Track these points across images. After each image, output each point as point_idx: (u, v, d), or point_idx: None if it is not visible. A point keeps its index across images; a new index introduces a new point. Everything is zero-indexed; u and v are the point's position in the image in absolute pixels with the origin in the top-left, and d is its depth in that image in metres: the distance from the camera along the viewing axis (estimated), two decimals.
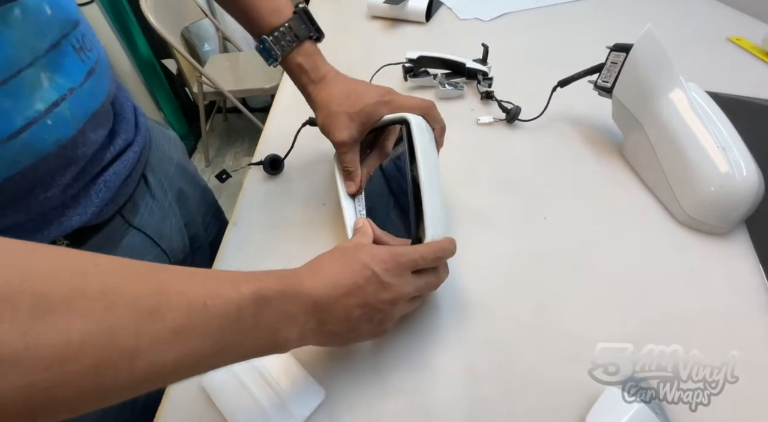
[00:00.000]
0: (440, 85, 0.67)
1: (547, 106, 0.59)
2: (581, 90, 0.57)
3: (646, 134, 0.48)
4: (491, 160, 0.56)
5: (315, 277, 0.28)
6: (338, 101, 0.41)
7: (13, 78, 0.28)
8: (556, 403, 0.33)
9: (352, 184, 0.41)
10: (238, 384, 0.35)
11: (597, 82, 0.54)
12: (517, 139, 0.59)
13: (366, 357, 0.37)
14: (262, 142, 0.62)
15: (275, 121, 0.67)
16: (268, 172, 0.55)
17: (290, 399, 0.34)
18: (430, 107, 0.41)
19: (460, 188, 0.52)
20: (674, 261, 0.43)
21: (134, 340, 0.18)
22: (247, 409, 0.33)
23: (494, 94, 0.65)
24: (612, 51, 0.51)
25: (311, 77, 0.43)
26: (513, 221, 0.48)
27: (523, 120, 0.61)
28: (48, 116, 0.30)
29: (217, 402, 0.34)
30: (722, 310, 0.38)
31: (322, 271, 0.29)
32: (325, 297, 0.28)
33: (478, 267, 0.44)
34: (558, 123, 0.61)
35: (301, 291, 0.27)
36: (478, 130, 0.61)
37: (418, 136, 0.37)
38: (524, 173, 0.54)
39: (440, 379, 0.36)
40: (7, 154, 0.28)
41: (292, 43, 0.42)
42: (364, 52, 0.80)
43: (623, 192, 0.50)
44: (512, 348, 0.37)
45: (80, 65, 0.33)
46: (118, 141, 0.38)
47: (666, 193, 0.47)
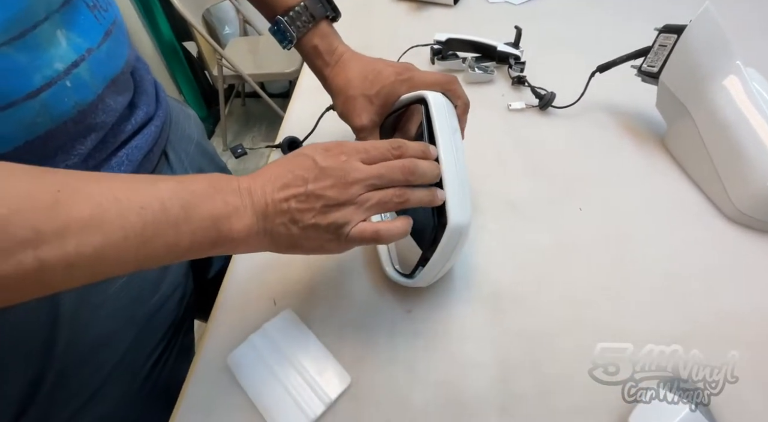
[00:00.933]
0: (469, 69, 0.65)
1: (584, 93, 0.56)
2: (622, 76, 0.54)
3: (694, 123, 0.45)
4: (523, 147, 0.54)
5: (251, 176, 0.28)
6: (355, 84, 0.39)
7: (29, 31, 0.27)
8: (594, 402, 0.32)
9: None
10: (263, 365, 0.34)
11: (642, 66, 0.50)
12: (551, 126, 0.57)
13: (393, 346, 0.36)
14: (284, 125, 0.61)
15: (298, 103, 0.65)
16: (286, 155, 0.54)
17: (315, 382, 0.33)
18: (451, 82, 0.38)
19: (489, 176, 0.50)
20: (719, 259, 0.40)
21: (32, 232, 0.19)
22: (271, 390, 0.33)
23: (526, 79, 0.62)
24: (661, 33, 0.48)
25: (326, 60, 0.41)
26: (546, 211, 0.46)
27: (557, 107, 0.58)
28: (67, 77, 0.29)
29: (242, 382, 0.33)
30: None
31: (261, 171, 0.28)
32: (259, 189, 0.27)
33: (510, 258, 0.42)
34: (595, 111, 0.58)
35: (230, 183, 0.27)
36: (509, 116, 0.59)
37: (436, 113, 0.35)
38: (558, 162, 0.51)
39: (470, 372, 0.34)
40: (26, 114, 0.27)
41: (308, 24, 0.40)
42: (388, 36, 0.78)
43: (665, 184, 0.48)
44: (547, 342, 0.36)
45: (96, 25, 0.33)
46: (138, 113, 0.38)
47: (714, 186, 0.44)
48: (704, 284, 0.39)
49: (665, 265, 0.40)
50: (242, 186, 0.27)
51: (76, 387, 0.35)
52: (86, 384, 0.36)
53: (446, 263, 0.34)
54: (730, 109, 0.42)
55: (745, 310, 0.36)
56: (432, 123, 0.34)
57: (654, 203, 0.46)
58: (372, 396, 0.33)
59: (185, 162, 0.48)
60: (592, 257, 0.41)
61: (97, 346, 0.36)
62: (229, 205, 0.26)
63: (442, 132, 0.34)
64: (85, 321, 0.35)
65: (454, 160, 0.33)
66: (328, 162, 0.27)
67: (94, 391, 0.36)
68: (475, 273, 0.41)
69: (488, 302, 0.38)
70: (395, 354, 0.35)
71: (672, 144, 0.50)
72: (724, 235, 0.42)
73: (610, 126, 0.56)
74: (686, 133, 0.47)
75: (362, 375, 0.34)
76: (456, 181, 0.33)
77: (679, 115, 0.47)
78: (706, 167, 0.45)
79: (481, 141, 0.40)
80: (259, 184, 0.27)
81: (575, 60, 0.60)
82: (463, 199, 0.33)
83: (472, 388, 0.33)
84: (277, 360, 0.34)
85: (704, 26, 0.43)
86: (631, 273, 0.40)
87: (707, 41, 0.43)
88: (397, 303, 0.39)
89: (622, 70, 0.53)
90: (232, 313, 0.39)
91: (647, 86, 0.51)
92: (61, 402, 0.35)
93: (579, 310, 0.38)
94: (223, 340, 0.36)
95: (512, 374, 0.34)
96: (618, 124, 0.56)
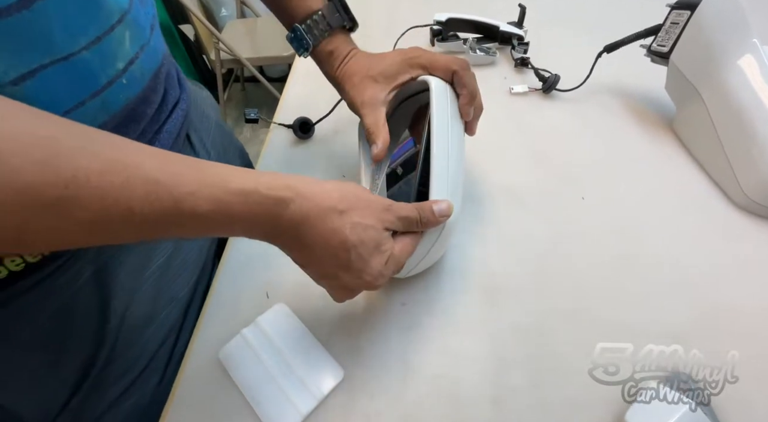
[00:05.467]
0: (470, 51, 0.62)
1: (590, 74, 0.53)
2: (630, 56, 0.51)
3: (705, 105, 0.43)
4: (524, 133, 0.52)
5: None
6: (361, 72, 0.38)
7: (106, 34, 0.28)
8: (590, 398, 0.31)
9: (374, 147, 0.36)
10: (256, 359, 0.34)
11: (651, 46, 0.48)
12: (554, 110, 0.55)
13: (386, 339, 0.35)
14: (281, 104, 0.59)
15: (294, 87, 0.63)
16: (298, 135, 0.53)
17: (308, 377, 0.33)
18: (460, 69, 0.36)
19: (489, 163, 0.48)
20: (728, 249, 0.39)
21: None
22: (264, 384, 0.33)
23: (530, 61, 0.60)
24: (673, 9, 0.45)
25: (339, 63, 0.40)
26: (547, 200, 0.44)
27: (562, 90, 0.56)
28: (124, 75, 0.30)
29: (234, 377, 0.33)
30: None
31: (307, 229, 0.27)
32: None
33: (508, 249, 0.41)
34: (600, 93, 0.56)
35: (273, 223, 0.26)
36: (511, 100, 0.57)
37: (436, 100, 0.34)
38: (561, 148, 0.50)
39: (465, 365, 0.34)
40: (88, 112, 0.28)
41: (324, 33, 0.39)
42: (386, 16, 0.75)
43: (672, 170, 0.46)
44: (544, 336, 0.35)
45: (145, 20, 0.33)
46: (168, 99, 0.38)
47: (723, 172, 0.42)
48: (711, 276, 0.37)
49: (670, 256, 0.39)
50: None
51: (124, 366, 0.36)
52: (133, 365, 0.37)
53: (426, 255, 0.33)
54: (744, 90, 0.40)
55: (755, 304, 0.35)
56: (429, 111, 0.33)
57: (660, 191, 0.44)
58: (365, 389, 0.33)
59: (207, 143, 0.48)
60: (594, 248, 0.40)
61: (143, 327, 0.37)
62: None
63: (438, 120, 0.33)
64: (132, 301, 0.36)
65: (445, 154, 0.32)
66: (358, 264, 0.27)
67: (138, 373, 0.37)
68: (471, 265, 0.40)
69: (484, 295, 0.38)
70: (389, 347, 0.35)
71: (681, 128, 0.48)
72: (733, 224, 0.41)
73: (616, 110, 0.53)
74: (696, 117, 0.45)
75: (356, 369, 0.34)
76: (443, 174, 0.32)
77: (690, 97, 0.45)
78: (715, 152, 0.43)
79: (481, 126, 0.38)
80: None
81: (581, 40, 0.58)
82: (450, 192, 0.32)
83: (467, 381, 0.33)
84: (269, 355, 0.34)
85: (720, 1, 0.40)
86: (635, 265, 0.39)
87: (723, 17, 0.40)
88: (391, 295, 0.38)
89: (631, 50, 0.51)
90: (224, 307, 0.38)
91: (657, 67, 0.49)
92: (110, 381, 0.36)
93: (578, 304, 0.36)
94: (215, 334, 0.36)
95: (507, 368, 0.33)
96: (625, 108, 0.53)
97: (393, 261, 0.29)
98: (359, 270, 0.27)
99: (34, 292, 0.30)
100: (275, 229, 0.26)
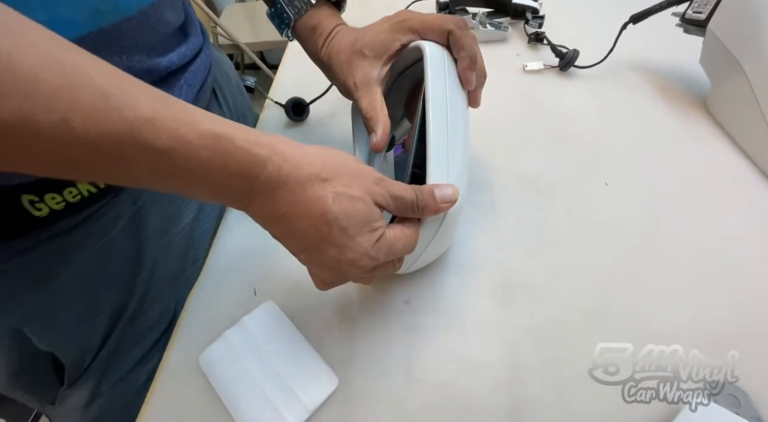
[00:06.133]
0: (480, 26, 0.58)
1: (612, 49, 0.49)
2: (658, 27, 0.46)
3: (747, 79, 0.38)
4: (540, 114, 0.48)
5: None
6: (347, 48, 0.34)
7: None
8: (621, 411, 0.27)
9: (374, 135, 0.32)
10: (239, 365, 0.30)
11: (686, 13, 0.43)
12: (573, 89, 0.50)
13: (387, 342, 0.32)
14: (275, 86, 0.55)
15: (290, 66, 0.59)
16: (291, 117, 0.49)
17: (298, 385, 0.29)
18: (456, 28, 0.31)
19: (501, 147, 0.44)
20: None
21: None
22: (248, 394, 0.29)
23: (545, 36, 0.55)
24: None
25: (322, 39, 0.36)
26: (566, 187, 0.40)
27: (581, 66, 0.51)
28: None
29: (215, 385, 0.30)
30: None
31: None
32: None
33: (523, 242, 0.37)
34: (624, 70, 0.51)
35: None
36: (525, 78, 0.52)
37: (430, 67, 0.29)
38: (580, 130, 0.45)
39: (476, 372, 0.30)
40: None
41: (307, 5, 0.35)
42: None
43: (707, 153, 0.41)
44: (565, 339, 0.31)
45: None
46: (191, 39, 0.37)
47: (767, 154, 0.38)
48: (753, 273, 0.33)
49: (705, 250, 0.35)
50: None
51: (149, 323, 0.37)
52: (156, 322, 0.37)
53: (427, 248, 0.29)
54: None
55: None
56: (424, 81, 0.29)
57: (693, 177, 0.40)
58: (363, 399, 0.29)
59: (230, 103, 0.48)
60: (619, 240, 0.36)
61: (169, 284, 0.37)
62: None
63: (435, 90, 0.29)
64: (163, 253, 0.37)
65: (443, 128, 0.28)
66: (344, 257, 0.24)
67: (161, 334, 0.38)
68: (481, 259, 0.36)
69: (497, 292, 0.34)
70: (390, 351, 0.31)
71: (717, 106, 0.43)
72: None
73: (642, 87, 0.49)
74: (736, 93, 0.40)
75: (352, 376, 0.30)
76: (442, 153, 0.28)
77: (729, 70, 0.40)
78: (759, 133, 0.38)
79: (493, 107, 0.34)
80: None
81: (603, 10, 0.53)
82: (450, 174, 0.28)
83: (477, 391, 0.29)
84: (254, 359, 0.30)
85: None
86: (665, 258, 0.35)
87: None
88: (392, 292, 0.34)
89: (660, 20, 0.46)
90: (207, 304, 0.35)
91: (690, 39, 0.44)
92: (136, 337, 0.36)
93: (602, 301, 0.33)
94: (196, 336, 0.32)
95: (524, 375, 0.29)
96: (652, 85, 0.48)
97: (385, 245, 0.25)
98: (342, 246, 0.24)
99: (75, 233, 0.31)
100: (247, 193, 0.23)
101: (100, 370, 0.36)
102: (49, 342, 0.34)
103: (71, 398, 0.37)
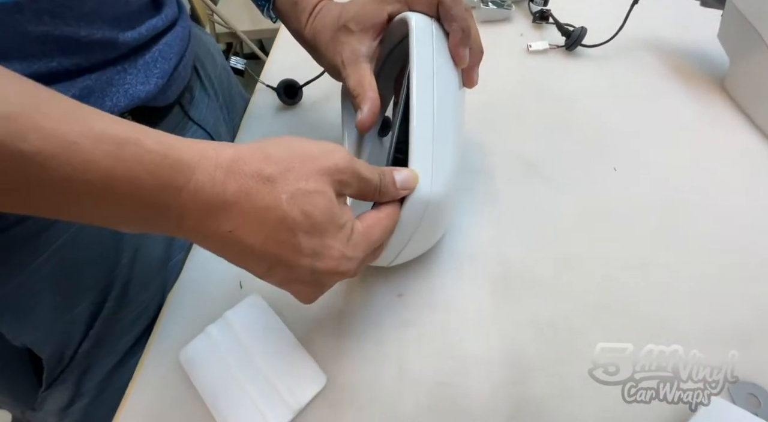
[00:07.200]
0: (481, 4, 0.55)
1: (622, 26, 0.46)
2: (671, 2, 0.43)
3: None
4: (545, 96, 0.45)
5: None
6: (332, 24, 0.31)
7: None
8: (632, 413, 0.25)
9: (359, 112, 0.29)
10: (222, 362, 0.28)
11: None
12: (580, 70, 0.47)
13: (379, 338, 0.30)
14: (267, 69, 0.52)
15: (283, 47, 0.56)
16: (283, 101, 0.47)
17: (283, 383, 0.27)
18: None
19: (503, 131, 0.42)
20: None
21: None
22: (230, 393, 0.27)
23: (551, 14, 0.52)
24: None
25: (305, 15, 0.33)
26: (572, 172, 0.38)
27: (588, 45, 0.48)
28: None
29: (196, 383, 0.28)
30: None
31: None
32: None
33: (525, 231, 0.34)
34: (634, 49, 0.48)
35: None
36: (529, 59, 0.49)
37: (416, 40, 0.26)
38: (587, 112, 0.43)
39: (475, 370, 0.28)
40: None
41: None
42: None
43: (724, 136, 0.39)
44: (571, 335, 0.29)
45: None
46: (166, 10, 0.35)
47: None
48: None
49: (721, 240, 0.32)
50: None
51: (134, 313, 0.35)
52: (142, 312, 0.35)
53: (410, 242, 0.27)
54: None
55: None
56: (409, 55, 0.26)
57: (708, 161, 0.37)
58: (352, 399, 0.27)
59: (213, 81, 0.45)
60: (628, 229, 0.34)
61: (155, 271, 0.35)
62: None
63: (420, 65, 0.26)
64: (144, 238, 0.34)
65: (429, 108, 0.25)
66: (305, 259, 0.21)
67: (152, 318, 0.35)
68: (481, 249, 0.34)
69: (497, 284, 0.32)
70: (382, 348, 0.29)
71: (736, 85, 0.40)
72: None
73: (654, 66, 0.46)
74: (758, 70, 0.37)
75: (341, 375, 0.28)
76: (426, 136, 0.25)
77: (751, 45, 0.37)
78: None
79: (495, 89, 0.32)
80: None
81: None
82: (437, 159, 0.25)
83: (476, 391, 0.27)
84: (237, 356, 0.28)
85: None
86: (678, 249, 0.32)
87: None
88: (385, 285, 0.32)
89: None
90: (191, 297, 0.33)
91: (707, 13, 0.41)
92: (124, 324, 0.34)
93: (609, 295, 0.30)
94: (177, 331, 0.31)
95: (526, 374, 0.27)
96: (664, 64, 0.46)
97: (361, 240, 0.22)
98: (314, 254, 0.20)
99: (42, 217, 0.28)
100: (169, 210, 0.19)
101: (83, 366, 0.34)
102: (23, 338, 0.31)
103: (50, 400, 0.34)
